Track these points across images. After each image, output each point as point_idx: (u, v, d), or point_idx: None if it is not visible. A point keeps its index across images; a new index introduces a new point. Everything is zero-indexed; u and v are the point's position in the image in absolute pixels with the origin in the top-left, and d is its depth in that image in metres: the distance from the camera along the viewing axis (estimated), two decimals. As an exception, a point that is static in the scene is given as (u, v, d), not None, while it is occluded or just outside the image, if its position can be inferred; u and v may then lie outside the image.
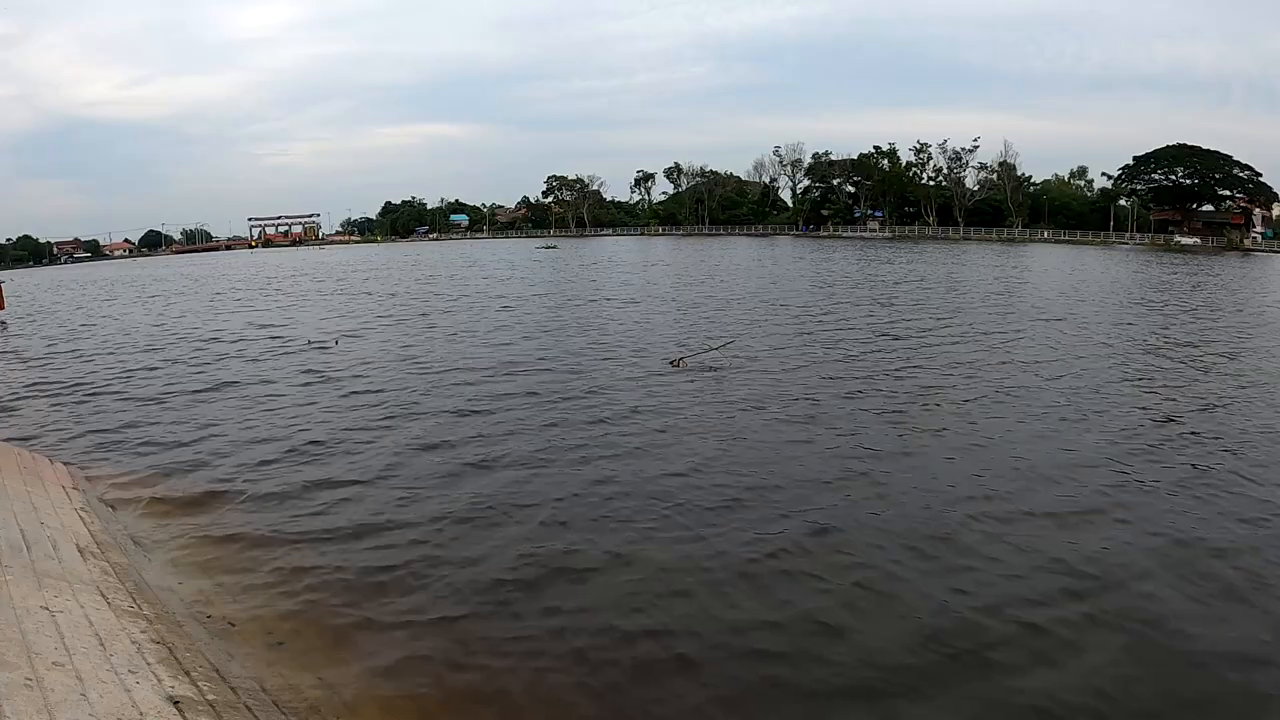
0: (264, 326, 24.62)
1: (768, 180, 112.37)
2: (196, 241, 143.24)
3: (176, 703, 4.03)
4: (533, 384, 14.09)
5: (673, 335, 20.00)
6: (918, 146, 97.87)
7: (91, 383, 16.16)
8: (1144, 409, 12.05)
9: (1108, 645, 5.47)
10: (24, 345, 23.38)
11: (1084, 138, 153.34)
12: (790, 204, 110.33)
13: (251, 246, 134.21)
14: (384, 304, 30.79)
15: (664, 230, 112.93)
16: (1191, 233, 76.47)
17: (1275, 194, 79.81)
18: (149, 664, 4.43)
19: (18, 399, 14.86)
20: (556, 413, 11.97)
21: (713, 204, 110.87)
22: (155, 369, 17.46)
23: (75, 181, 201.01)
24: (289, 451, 10.31)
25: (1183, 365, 15.73)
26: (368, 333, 22.28)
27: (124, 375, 16.86)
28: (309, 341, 20.22)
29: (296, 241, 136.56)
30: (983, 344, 18.29)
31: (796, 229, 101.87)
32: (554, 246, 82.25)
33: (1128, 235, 80.00)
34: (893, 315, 23.88)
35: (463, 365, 16.23)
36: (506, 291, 34.43)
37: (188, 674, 4.51)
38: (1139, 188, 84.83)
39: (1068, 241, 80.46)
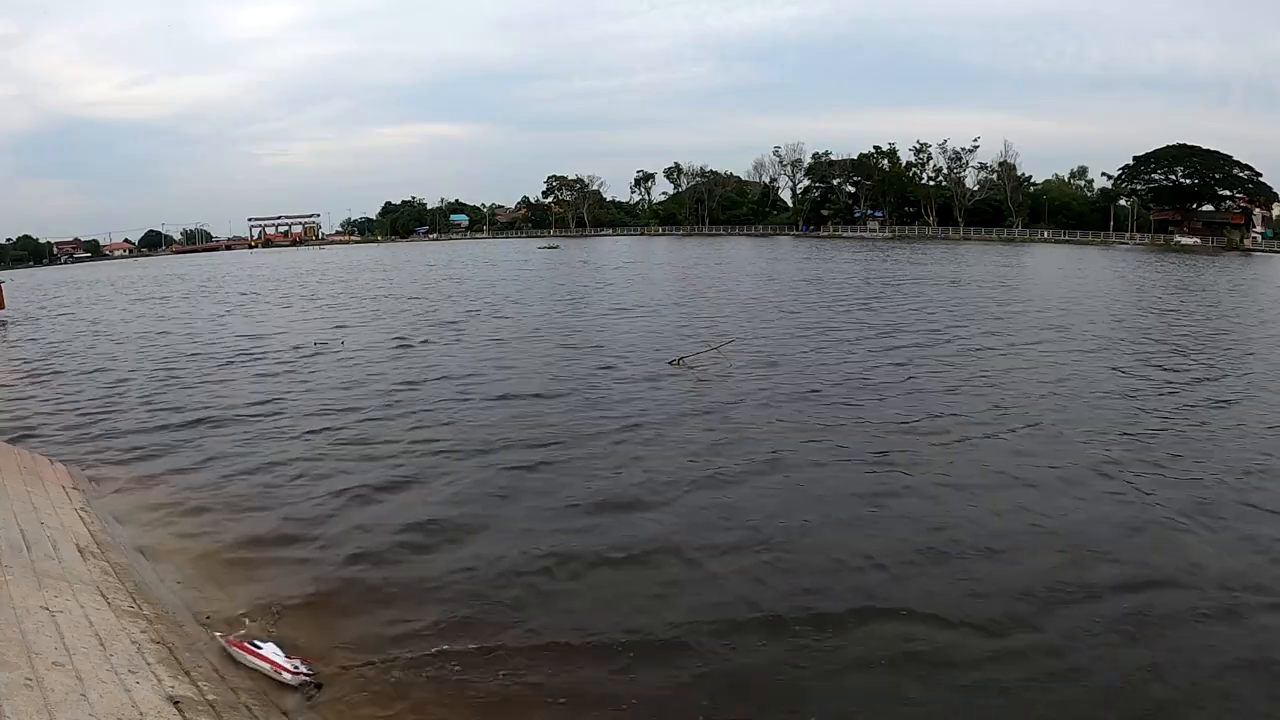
0: (281, 333, 24.09)
1: (768, 180, 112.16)
2: (196, 241, 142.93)
3: (176, 703, 4.03)
4: (574, 405, 12.78)
5: (700, 339, 19.68)
6: (918, 146, 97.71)
7: (92, 383, 16.17)
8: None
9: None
10: (25, 346, 23.39)
11: (1084, 138, 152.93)
12: (790, 204, 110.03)
13: (251, 247, 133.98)
14: (407, 307, 29.06)
15: (664, 230, 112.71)
16: (1191, 233, 76.27)
17: (1275, 194, 79.62)
18: (149, 664, 4.43)
19: (19, 399, 14.87)
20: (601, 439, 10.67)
21: (713, 204, 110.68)
22: (160, 371, 17.46)
23: (75, 181, 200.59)
24: (295, 455, 10.26)
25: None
26: (400, 340, 20.46)
27: (127, 377, 16.86)
28: (315, 343, 20.20)
29: (296, 241, 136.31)
30: (1005, 354, 18.26)
31: (796, 229, 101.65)
32: (556, 246, 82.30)
33: (1128, 235, 79.83)
34: (913, 320, 23.86)
35: (510, 381, 14.72)
36: (527, 296, 32.22)
37: (188, 674, 4.51)
38: (1139, 188, 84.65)
39: (1068, 241, 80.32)
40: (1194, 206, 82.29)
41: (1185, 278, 39.11)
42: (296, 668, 5.15)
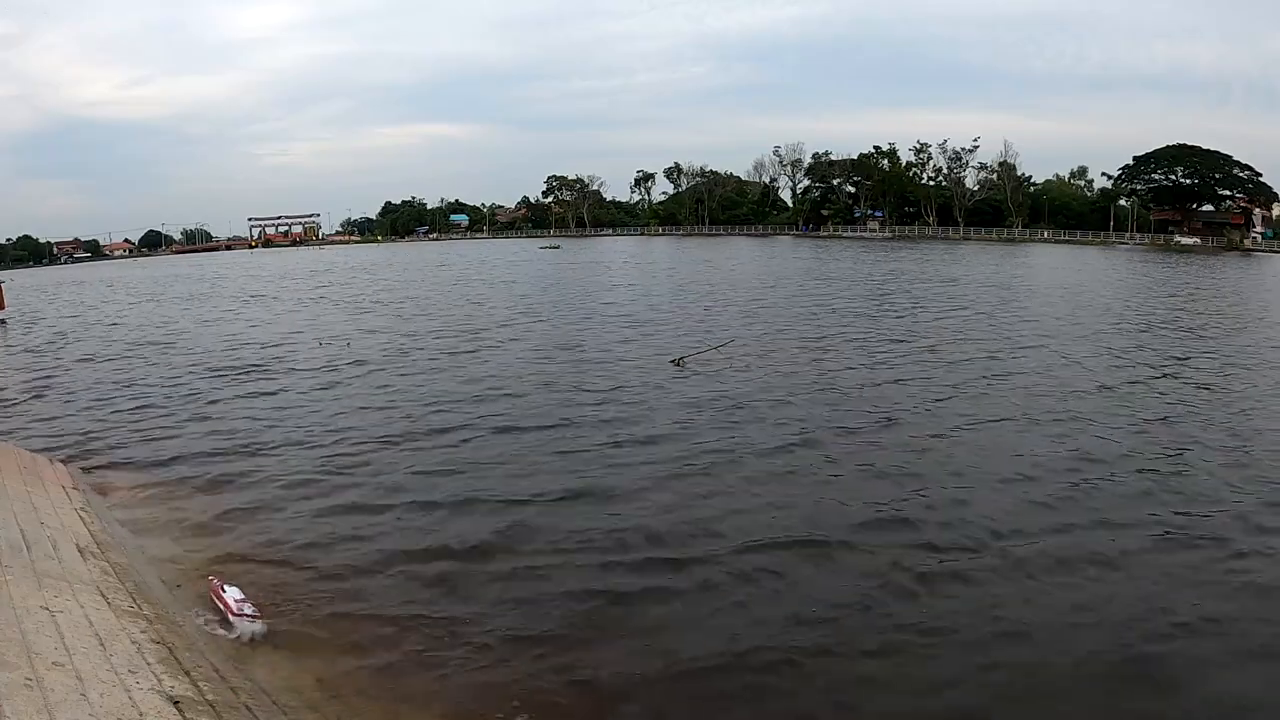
0: (298, 333, 23.65)
1: (768, 180, 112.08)
2: (196, 241, 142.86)
3: (176, 703, 4.03)
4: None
5: (711, 340, 19.59)
6: (918, 146, 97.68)
7: (93, 384, 16.16)
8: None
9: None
10: (26, 346, 23.37)
11: (1084, 138, 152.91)
12: (790, 204, 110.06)
13: (251, 246, 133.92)
14: (425, 310, 27.94)
15: (664, 230, 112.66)
16: (1191, 233, 76.24)
17: (1275, 194, 79.58)
18: (149, 664, 4.42)
19: (19, 399, 14.86)
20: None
21: (713, 204, 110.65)
22: (162, 372, 17.44)
23: (75, 181, 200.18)
24: (302, 462, 10.18)
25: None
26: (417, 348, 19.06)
27: (128, 378, 16.84)
28: (319, 343, 20.13)
29: (296, 241, 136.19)
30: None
31: (797, 229, 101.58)
32: (557, 246, 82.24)
33: (1128, 235, 79.79)
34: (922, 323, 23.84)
35: (544, 394, 13.68)
36: (546, 300, 30.99)
37: (188, 674, 4.50)
38: (1139, 188, 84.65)
39: (1068, 241, 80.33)
40: (1194, 206, 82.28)
41: (1192, 277, 39.11)
42: (241, 611, 5.76)
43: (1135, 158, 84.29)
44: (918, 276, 38.73)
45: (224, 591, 5.99)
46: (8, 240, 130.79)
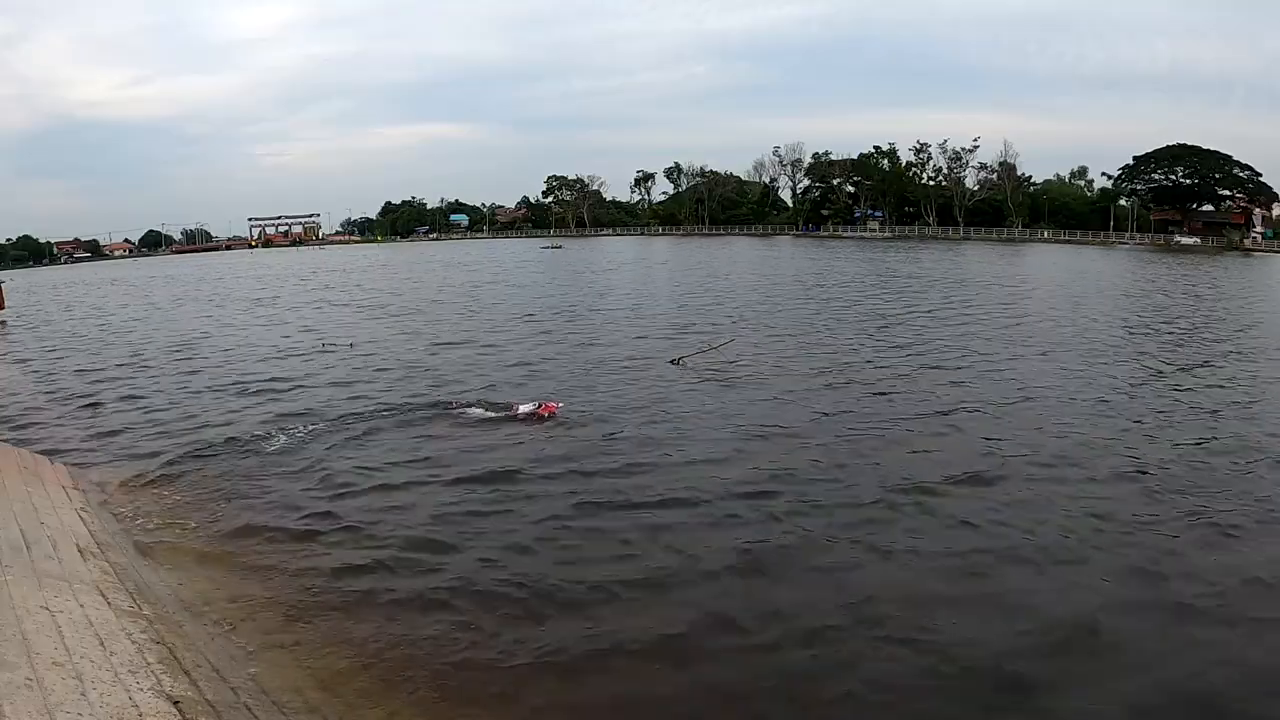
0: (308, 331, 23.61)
1: (768, 180, 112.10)
2: (197, 241, 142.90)
3: (176, 703, 4.03)
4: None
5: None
6: (918, 146, 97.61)
7: (93, 384, 16.15)
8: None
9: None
10: (26, 346, 23.37)
11: (1084, 138, 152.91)
12: (790, 204, 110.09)
13: (251, 246, 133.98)
14: (443, 315, 26.72)
15: (664, 230, 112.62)
16: (1191, 233, 76.24)
17: (1275, 194, 79.48)
18: (149, 664, 4.42)
19: (19, 399, 14.86)
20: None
21: (713, 204, 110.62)
22: (160, 373, 17.43)
23: (75, 181, 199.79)
24: (303, 462, 10.13)
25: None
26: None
27: (127, 378, 16.83)
28: (323, 345, 20.03)
29: (296, 241, 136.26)
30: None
31: (796, 229, 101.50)
32: (559, 246, 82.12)
33: (1128, 235, 79.77)
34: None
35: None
36: (565, 303, 29.79)
37: (188, 674, 4.50)
38: (1139, 188, 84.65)
39: (1068, 241, 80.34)
40: (1194, 206, 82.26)
41: (1205, 278, 39.04)
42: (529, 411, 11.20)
43: (1135, 158, 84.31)
44: (922, 276, 38.70)
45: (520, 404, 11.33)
46: (7, 240, 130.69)
